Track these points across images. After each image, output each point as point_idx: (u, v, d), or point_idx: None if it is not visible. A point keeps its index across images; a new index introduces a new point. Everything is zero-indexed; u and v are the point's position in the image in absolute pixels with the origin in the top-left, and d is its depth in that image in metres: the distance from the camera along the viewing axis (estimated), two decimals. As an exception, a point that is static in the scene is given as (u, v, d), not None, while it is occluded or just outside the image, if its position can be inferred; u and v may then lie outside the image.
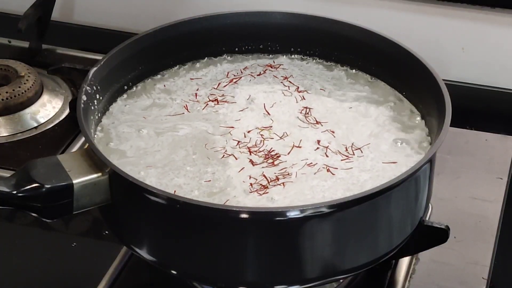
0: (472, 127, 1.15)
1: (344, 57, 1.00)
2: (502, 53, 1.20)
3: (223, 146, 0.89)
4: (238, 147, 0.88)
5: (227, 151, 0.88)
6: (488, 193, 1.04)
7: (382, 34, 0.97)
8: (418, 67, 0.92)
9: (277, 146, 0.89)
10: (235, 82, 0.99)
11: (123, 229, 0.85)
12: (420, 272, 0.94)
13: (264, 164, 0.86)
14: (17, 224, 1.02)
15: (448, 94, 0.87)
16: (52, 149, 1.09)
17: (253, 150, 0.88)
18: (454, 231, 0.87)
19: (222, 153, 0.87)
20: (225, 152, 0.88)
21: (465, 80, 1.22)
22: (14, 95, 1.14)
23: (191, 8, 1.28)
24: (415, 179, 0.82)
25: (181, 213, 0.78)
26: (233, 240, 0.78)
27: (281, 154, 0.87)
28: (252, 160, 0.87)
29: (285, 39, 1.01)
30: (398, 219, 0.83)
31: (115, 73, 0.94)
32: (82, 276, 0.94)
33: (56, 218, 0.82)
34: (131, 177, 0.78)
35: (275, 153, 0.87)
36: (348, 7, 1.21)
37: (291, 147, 0.88)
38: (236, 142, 0.89)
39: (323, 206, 0.76)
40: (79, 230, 1.01)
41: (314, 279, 0.81)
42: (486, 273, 0.94)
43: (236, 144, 0.89)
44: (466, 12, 1.18)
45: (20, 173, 0.80)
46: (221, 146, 0.89)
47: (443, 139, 0.82)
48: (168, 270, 0.83)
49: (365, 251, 0.82)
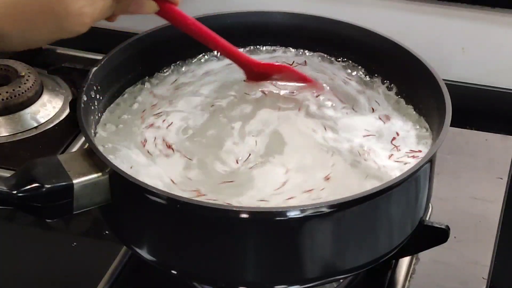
0: (472, 127, 1.15)
1: (344, 57, 1.00)
2: (502, 53, 1.20)
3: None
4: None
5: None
6: (488, 193, 1.04)
7: (382, 34, 0.97)
8: (418, 67, 0.92)
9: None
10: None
11: (123, 229, 0.85)
12: (420, 272, 0.94)
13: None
14: (17, 224, 1.02)
15: (448, 94, 0.87)
16: (52, 149, 1.09)
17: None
18: (454, 231, 0.87)
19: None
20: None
21: (465, 80, 1.22)
22: (14, 95, 1.14)
23: (191, 8, 1.28)
24: (415, 179, 0.82)
25: (181, 213, 0.78)
26: (233, 240, 0.78)
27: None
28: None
29: (285, 39, 1.01)
30: (398, 219, 0.83)
31: (115, 73, 0.94)
32: (82, 276, 0.94)
33: (56, 218, 0.82)
34: (131, 177, 0.78)
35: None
36: (348, 7, 1.21)
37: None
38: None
39: (323, 206, 0.76)
40: (79, 230, 1.01)
41: (314, 279, 0.81)
42: (486, 273, 0.94)
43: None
44: (466, 12, 1.18)
45: (20, 173, 0.80)
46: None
47: (443, 139, 0.82)
48: (168, 270, 0.83)
49: (365, 251, 0.82)
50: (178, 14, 0.89)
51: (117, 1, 0.82)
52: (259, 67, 0.95)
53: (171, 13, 0.88)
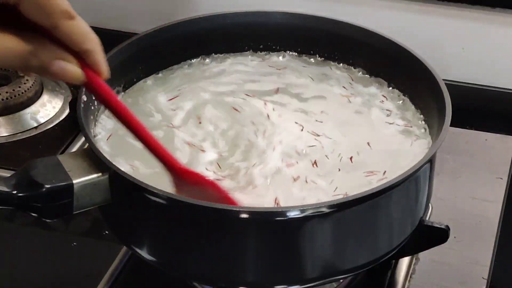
0: (472, 127, 1.15)
1: (344, 57, 1.00)
2: (502, 53, 1.20)
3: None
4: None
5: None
6: (488, 193, 1.04)
7: (382, 34, 0.97)
8: (418, 67, 0.92)
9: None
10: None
11: (123, 229, 0.85)
12: (420, 272, 0.94)
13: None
14: (17, 224, 1.02)
15: (448, 94, 0.87)
16: (52, 149, 1.09)
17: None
18: (454, 231, 0.87)
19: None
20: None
21: (465, 80, 1.22)
22: (14, 95, 1.14)
23: (191, 8, 1.28)
24: (415, 179, 0.82)
25: (181, 213, 0.78)
26: (233, 240, 0.78)
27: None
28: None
29: (285, 39, 1.01)
30: (398, 219, 0.83)
31: (115, 73, 0.93)
32: (82, 276, 0.94)
33: (56, 218, 0.81)
34: (131, 177, 0.78)
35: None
36: (348, 7, 1.21)
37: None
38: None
39: (323, 206, 0.76)
40: (79, 230, 1.01)
41: (314, 279, 0.81)
42: (486, 273, 0.94)
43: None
44: (466, 12, 1.18)
45: (20, 173, 0.80)
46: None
47: (443, 139, 0.82)
48: (168, 270, 0.83)
49: (365, 251, 0.82)
50: (102, 88, 0.74)
51: (33, 55, 0.68)
52: (185, 173, 0.79)
53: (95, 86, 0.73)
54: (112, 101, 0.75)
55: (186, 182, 0.79)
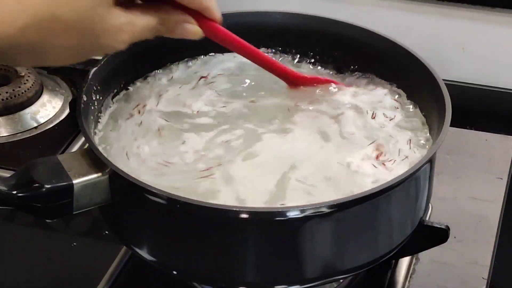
0: (472, 127, 1.15)
1: (344, 57, 1.00)
2: (502, 53, 1.20)
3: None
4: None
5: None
6: (488, 193, 1.04)
7: (382, 34, 0.97)
8: (418, 67, 0.92)
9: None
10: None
11: (123, 229, 0.85)
12: (420, 272, 0.94)
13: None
14: (17, 224, 1.02)
15: (448, 94, 0.87)
16: (52, 149, 1.09)
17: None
18: (454, 231, 0.87)
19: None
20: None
21: (465, 80, 1.22)
22: (14, 95, 1.14)
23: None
24: (415, 179, 0.82)
25: (181, 213, 0.78)
26: (233, 240, 0.78)
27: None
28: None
29: (285, 39, 1.01)
30: (398, 219, 0.83)
31: (115, 73, 0.94)
32: (82, 276, 0.94)
33: (56, 218, 0.81)
34: (131, 177, 0.78)
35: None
36: (348, 7, 1.21)
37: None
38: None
39: (323, 206, 0.76)
40: (79, 230, 1.01)
41: (314, 279, 0.81)
42: (486, 273, 0.94)
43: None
44: (466, 12, 1.18)
45: (20, 173, 0.80)
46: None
47: (443, 139, 0.82)
48: (168, 270, 0.83)
49: (365, 251, 0.82)
50: (220, 31, 0.86)
51: (161, 23, 0.79)
52: (304, 80, 0.94)
53: (213, 31, 0.85)
54: (230, 39, 0.88)
55: (301, 83, 0.95)
